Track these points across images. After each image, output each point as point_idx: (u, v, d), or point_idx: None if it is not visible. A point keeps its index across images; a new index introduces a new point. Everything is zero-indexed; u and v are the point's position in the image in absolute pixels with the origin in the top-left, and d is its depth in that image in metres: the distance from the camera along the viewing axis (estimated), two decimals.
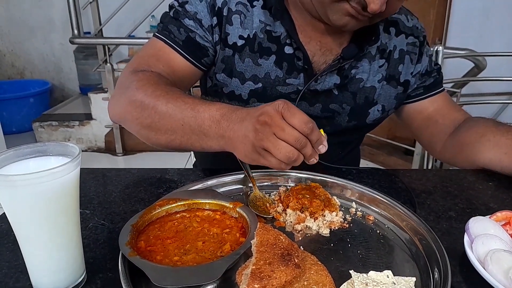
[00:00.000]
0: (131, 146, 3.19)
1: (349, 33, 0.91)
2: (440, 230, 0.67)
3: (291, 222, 0.67)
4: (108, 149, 3.29)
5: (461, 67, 2.30)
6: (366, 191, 0.73)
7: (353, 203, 0.73)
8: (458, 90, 2.10)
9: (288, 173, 0.79)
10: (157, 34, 0.89)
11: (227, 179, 0.77)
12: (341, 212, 0.70)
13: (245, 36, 0.88)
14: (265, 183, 0.79)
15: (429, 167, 2.22)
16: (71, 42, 2.88)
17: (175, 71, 0.88)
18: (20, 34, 4.00)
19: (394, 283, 0.51)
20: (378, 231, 0.66)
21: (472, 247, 0.57)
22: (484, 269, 0.54)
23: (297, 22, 0.89)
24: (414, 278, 0.52)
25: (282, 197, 0.72)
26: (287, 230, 0.66)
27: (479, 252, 0.56)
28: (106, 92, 3.12)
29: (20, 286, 0.53)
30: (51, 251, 0.49)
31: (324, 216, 0.67)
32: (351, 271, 0.52)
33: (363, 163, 2.35)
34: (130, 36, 3.07)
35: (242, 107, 0.68)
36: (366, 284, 0.49)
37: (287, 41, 0.88)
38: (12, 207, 0.46)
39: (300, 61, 0.88)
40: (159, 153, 2.96)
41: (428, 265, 0.56)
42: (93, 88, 3.35)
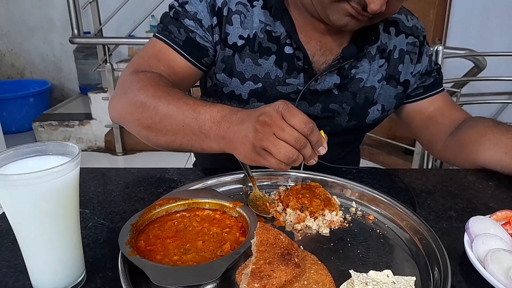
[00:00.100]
0: (131, 146, 3.19)
1: (349, 33, 0.91)
2: (440, 230, 0.67)
3: (291, 222, 0.67)
4: (108, 149, 3.30)
5: (461, 67, 2.30)
6: (366, 191, 0.73)
7: (353, 203, 0.73)
8: (458, 90, 2.10)
9: (288, 173, 0.79)
10: (157, 35, 0.89)
11: (227, 179, 0.77)
12: (341, 212, 0.70)
13: (245, 36, 0.88)
14: (265, 183, 0.79)
15: (429, 167, 2.22)
16: (71, 42, 2.88)
17: (176, 72, 0.88)
18: (20, 34, 4.00)
19: (394, 283, 0.51)
20: (378, 231, 0.66)
21: (472, 247, 0.57)
22: (484, 269, 0.54)
23: (297, 22, 0.89)
24: (414, 278, 0.52)
25: (282, 197, 0.72)
26: (287, 230, 0.66)
27: (479, 252, 0.56)
28: (106, 92, 3.12)
29: (20, 286, 0.53)
30: (51, 251, 0.49)
31: (324, 216, 0.67)
32: (351, 271, 0.52)
33: (363, 163, 2.34)
34: (130, 36, 3.08)
35: (243, 109, 0.68)
36: (366, 284, 0.49)
37: (287, 41, 0.88)
38: (12, 207, 0.46)
39: (300, 61, 0.88)
40: (159, 153, 2.95)
41: (428, 265, 0.56)
42: (93, 88, 3.35)
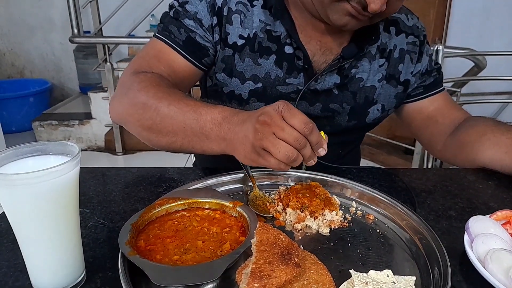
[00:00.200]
0: (131, 145, 3.19)
1: (349, 33, 0.91)
2: (440, 229, 0.67)
3: (291, 221, 0.67)
4: (108, 148, 3.30)
5: (461, 67, 2.30)
6: (366, 190, 0.73)
7: (353, 202, 0.73)
8: (458, 90, 2.09)
9: (288, 172, 0.79)
10: (158, 35, 0.89)
11: (227, 178, 0.77)
12: (341, 211, 0.70)
13: (245, 36, 0.88)
14: (265, 182, 0.79)
15: (429, 166, 2.22)
16: (71, 41, 2.88)
17: (176, 72, 0.88)
18: (20, 34, 4.00)
19: (394, 282, 0.51)
20: (378, 230, 0.66)
21: (472, 246, 0.57)
22: (484, 268, 0.54)
23: (297, 22, 0.89)
24: (414, 277, 0.52)
25: (282, 196, 0.72)
26: (287, 229, 0.66)
27: (479, 251, 0.56)
28: (106, 91, 3.12)
29: (20, 285, 0.53)
30: (51, 250, 0.49)
31: (324, 215, 0.67)
32: (351, 270, 0.52)
33: (363, 163, 2.34)
34: (130, 35, 3.08)
35: (244, 110, 0.68)
36: (366, 283, 0.49)
37: (287, 41, 0.88)
38: (12, 206, 0.46)
39: (300, 61, 0.88)
40: (159, 153, 2.94)
41: (428, 264, 0.56)
42: (93, 87, 3.35)
